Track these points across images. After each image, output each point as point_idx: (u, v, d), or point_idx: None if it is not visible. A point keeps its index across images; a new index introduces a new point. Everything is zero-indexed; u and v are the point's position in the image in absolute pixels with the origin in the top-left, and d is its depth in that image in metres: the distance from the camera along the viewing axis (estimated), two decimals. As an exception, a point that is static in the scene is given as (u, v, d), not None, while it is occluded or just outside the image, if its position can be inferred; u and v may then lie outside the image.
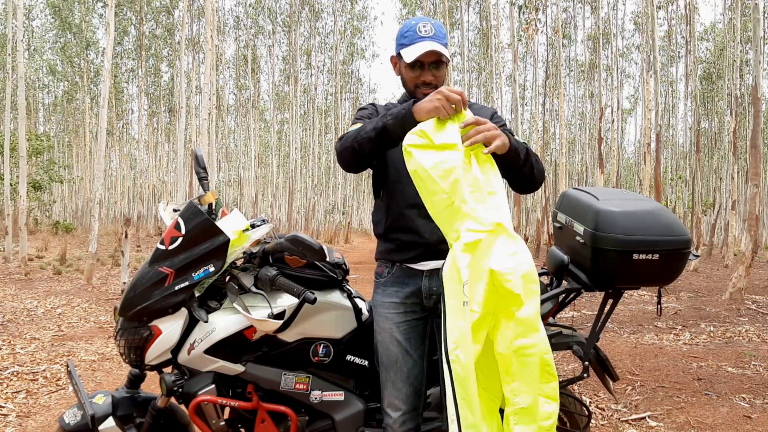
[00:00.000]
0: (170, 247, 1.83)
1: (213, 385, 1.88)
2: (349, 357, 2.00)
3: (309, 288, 1.83)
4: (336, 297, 1.99)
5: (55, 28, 25.90)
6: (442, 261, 1.64)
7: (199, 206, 1.89)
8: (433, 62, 1.84)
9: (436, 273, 1.78)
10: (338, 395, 1.97)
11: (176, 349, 1.86)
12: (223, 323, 1.86)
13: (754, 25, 8.13)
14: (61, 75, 28.82)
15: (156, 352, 1.83)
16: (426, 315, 1.89)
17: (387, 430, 1.88)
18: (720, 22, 24.41)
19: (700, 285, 10.08)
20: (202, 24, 23.34)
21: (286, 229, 25.75)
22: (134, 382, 2.00)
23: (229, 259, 1.88)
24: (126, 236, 8.23)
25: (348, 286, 2.06)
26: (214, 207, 1.95)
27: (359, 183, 39.82)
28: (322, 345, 1.95)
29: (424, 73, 1.85)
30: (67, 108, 30.73)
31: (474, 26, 27.00)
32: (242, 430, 1.99)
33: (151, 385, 2.57)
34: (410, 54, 1.82)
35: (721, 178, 22.68)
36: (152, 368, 1.91)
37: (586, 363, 2.06)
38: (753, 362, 4.52)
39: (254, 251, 1.96)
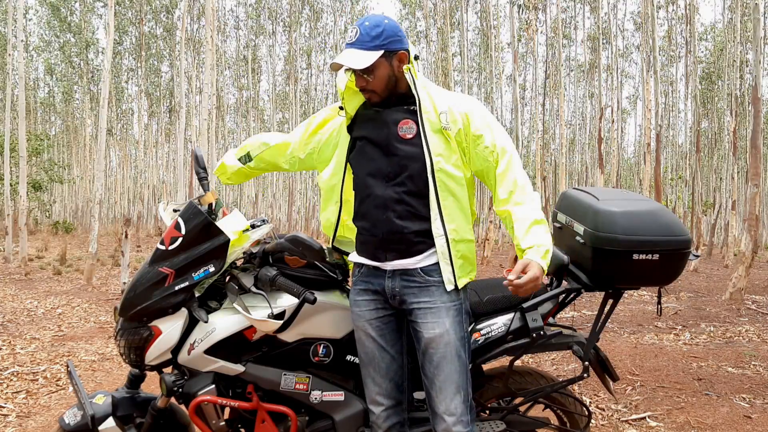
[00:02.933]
0: (170, 248, 1.83)
1: (213, 386, 1.88)
2: (349, 357, 2.00)
3: (309, 288, 1.83)
4: (336, 297, 1.99)
5: (54, 28, 25.88)
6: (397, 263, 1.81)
7: (199, 206, 1.89)
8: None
9: (398, 275, 1.81)
10: (338, 395, 1.97)
11: (176, 350, 1.86)
12: (223, 323, 1.86)
13: (754, 25, 8.12)
14: (60, 75, 28.81)
15: (156, 352, 1.83)
16: (398, 313, 1.89)
17: (373, 426, 1.89)
18: (720, 22, 24.45)
19: (700, 285, 10.07)
20: (202, 24, 23.35)
21: (286, 229, 25.74)
22: (134, 382, 2.00)
23: (229, 260, 1.88)
24: (126, 236, 8.23)
25: (348, 287, 2.06)
26: (214, 207, 1.95)
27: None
28: (322, 345, 1.95)
29: (357, 80, 1.79)
30: (66, 108, 30.71)
31: (474, 26, 27.01)
32: (242, 430, 1.99)
33: (151, 385, 2.57)
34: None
35: (721, 178, 22.67)
36: (152, 368, 1.91)
37: (586, 363, 2.06)
38: (753, 362, 4.51)
39: (254, 251, 1.95)
